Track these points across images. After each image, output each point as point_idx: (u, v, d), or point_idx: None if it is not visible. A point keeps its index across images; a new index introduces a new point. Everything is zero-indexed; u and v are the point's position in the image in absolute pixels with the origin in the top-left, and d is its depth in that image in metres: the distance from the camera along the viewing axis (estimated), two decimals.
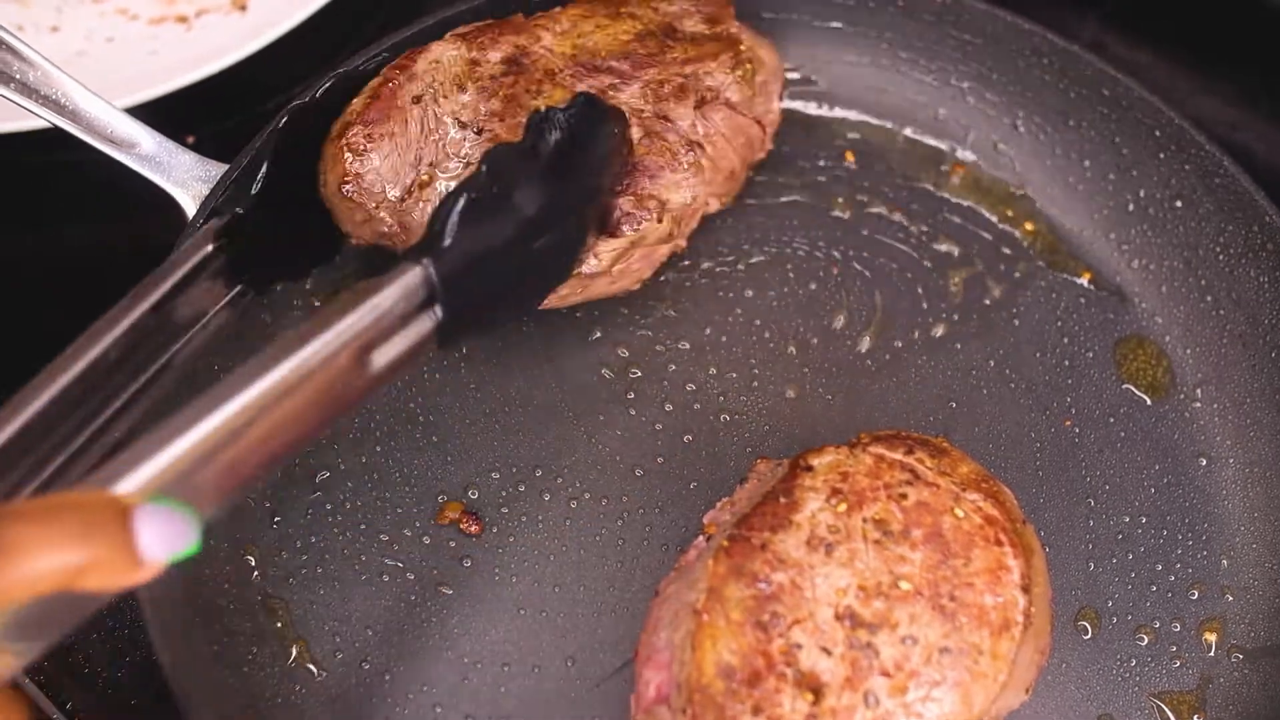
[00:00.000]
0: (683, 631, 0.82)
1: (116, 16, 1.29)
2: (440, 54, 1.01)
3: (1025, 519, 0.88)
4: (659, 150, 0.99)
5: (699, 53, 1.04)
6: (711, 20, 1.06)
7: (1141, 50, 1.38)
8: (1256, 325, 1.04)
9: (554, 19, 1.05)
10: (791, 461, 0.88)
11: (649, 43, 1.04)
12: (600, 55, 1.02)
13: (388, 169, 0.96)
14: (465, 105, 0.99)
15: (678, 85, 1.02)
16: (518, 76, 1.00)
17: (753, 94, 1.05)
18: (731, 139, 1.03)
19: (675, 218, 1.00)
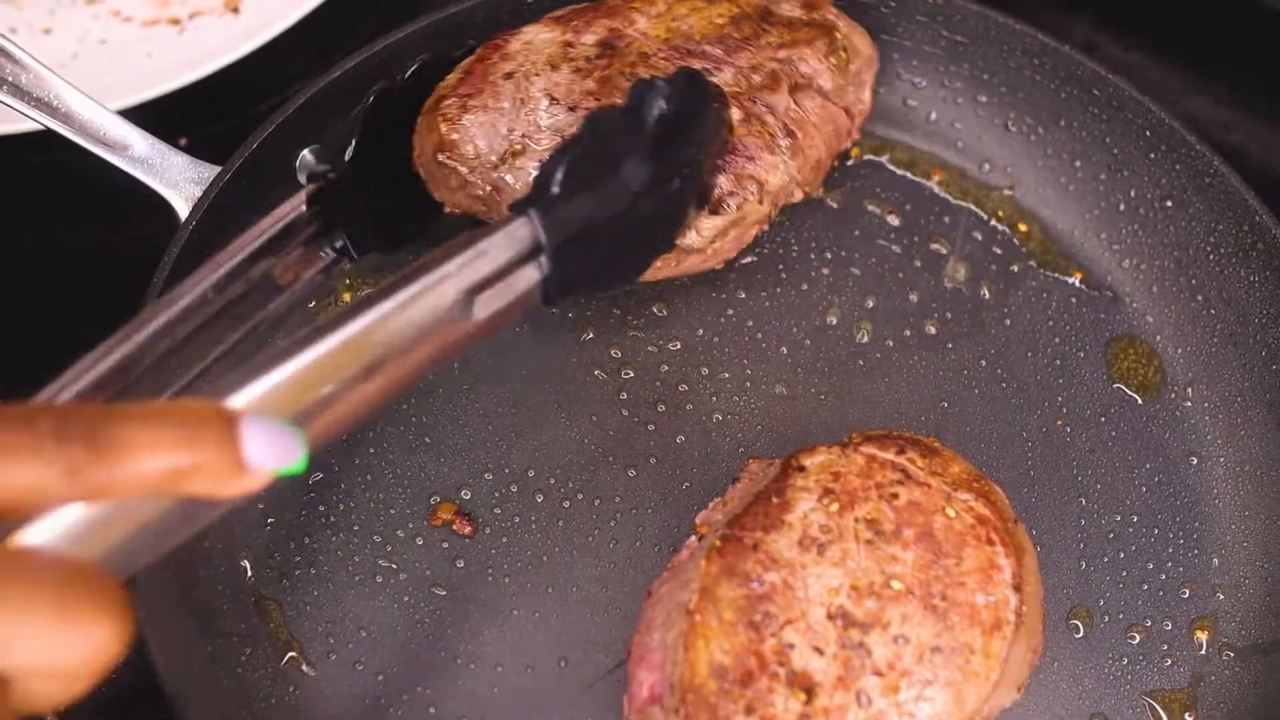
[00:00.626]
0: (675, 631, 0.83)
1: (110, 18, 1.29)
2: (533, 35, 1.02)
3: (1017, 518, 0.89)
4: (757, 132, 0.99)
5: (794, 38, 1.04)
6: (808, 5, 1.06)
7: (1134, 50, 1.38)
8: (1247, 324, 1.04)
9: (649, 1, 1.05)
10: (783, 461, 0.89)
11: (744, 26, 1.04)
12: (695, 39, 1.02)
13: (481, 136, 0.97)
14: (558, 83, 0.99)
15: (770, 72, 1.02)
16: (612, 58, 1.00)
17: (845, 82, 1.05)
18: (821, 127, 1.04)
19: (773, 199, 1.01)
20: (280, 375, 0.67)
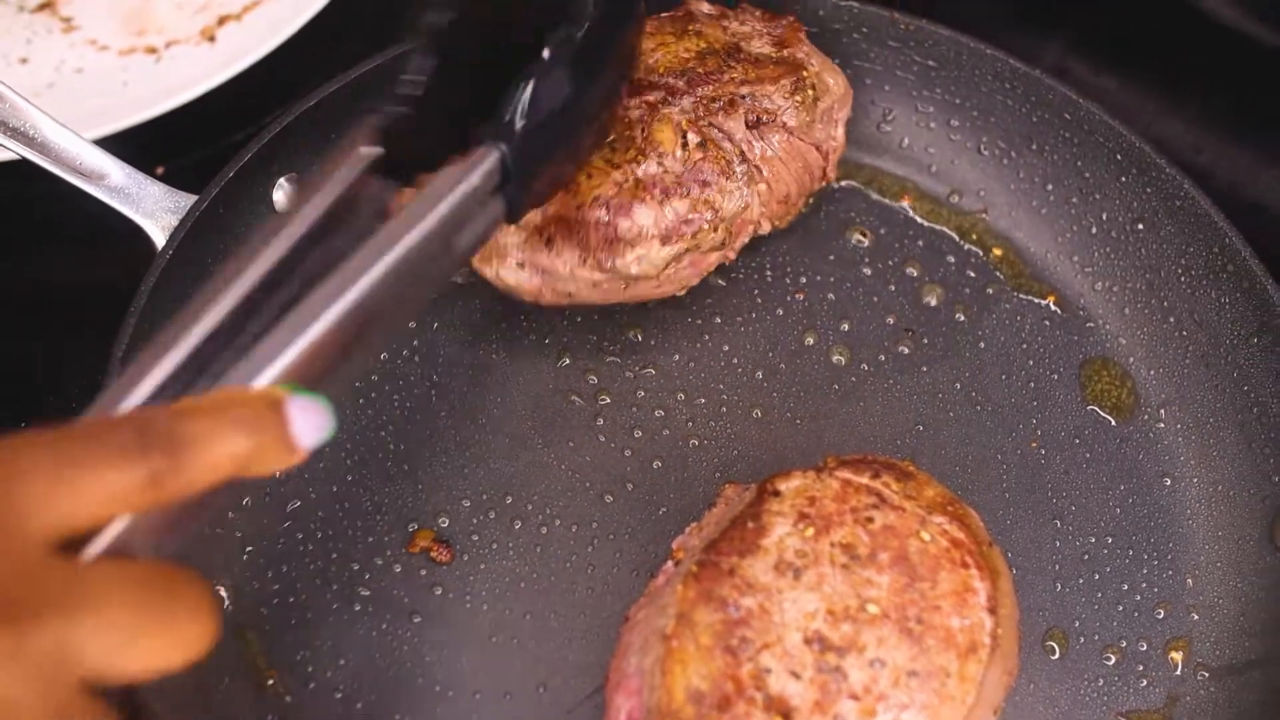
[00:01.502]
0: (652, 657, 0.83)
1: (86, 47, 1.29)
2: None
3: (992, 541, 0.89)
4: (713, 158, 1.00)
5: (758, 74, 1.04)
6: (780, 43, 1.07)
7: (1105, 74, 1.39)
8: (1218, 346, 1.05)
9: None
10: (759, 486, 0.89)
11: (709, 61, 1.04)
12: (657, 73, 1.03)
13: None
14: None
15: (728, 99, 1.02)
16: None
17: (812, 120, 1.05)
18: (788, 162, 1.04)
19: (728, 226, 1.01)
20: (303, 343, 0.70)
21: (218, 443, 0.63)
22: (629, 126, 1.00)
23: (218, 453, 0.63)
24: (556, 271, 1.00)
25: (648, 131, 1.00)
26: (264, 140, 1.04)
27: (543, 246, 0.99)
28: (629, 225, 0.98)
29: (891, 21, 1.13)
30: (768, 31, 1.08)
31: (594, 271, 1.00)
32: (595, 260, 0.99)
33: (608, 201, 0.98)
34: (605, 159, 0.99)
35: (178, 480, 0.61)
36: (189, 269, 0.99)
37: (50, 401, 1.10)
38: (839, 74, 1.08)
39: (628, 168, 0.99)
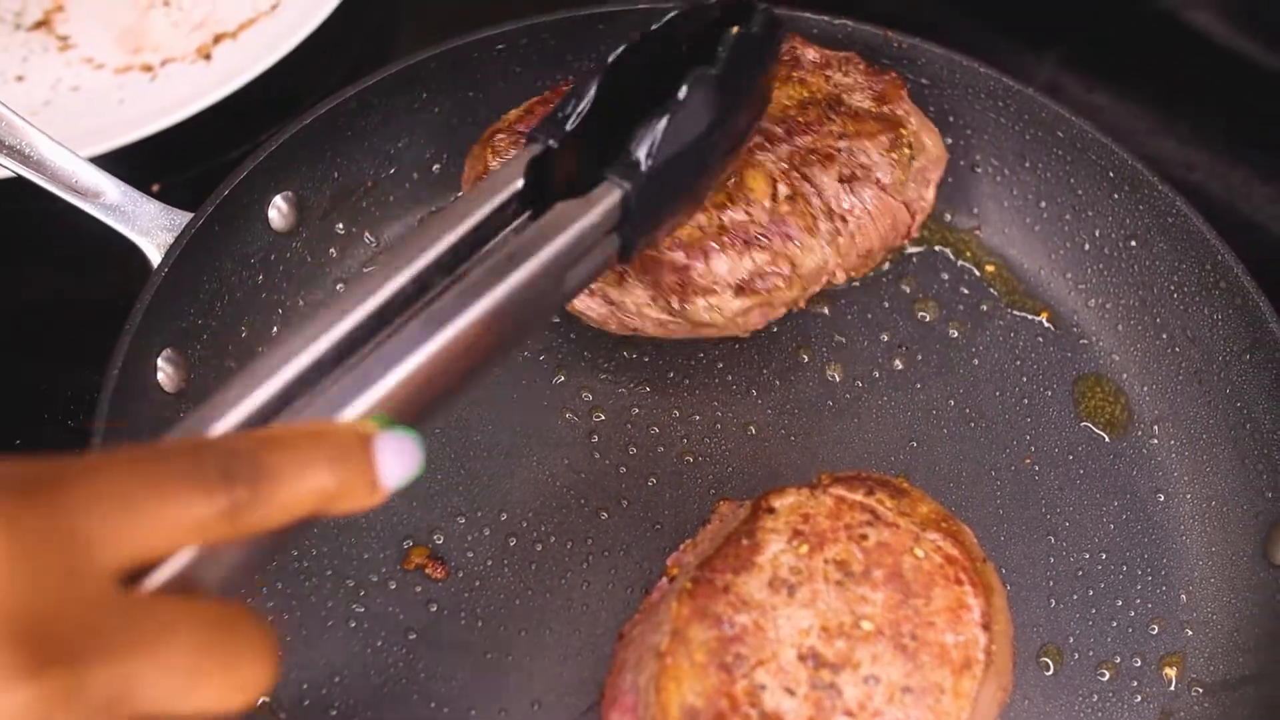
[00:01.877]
0: (647, 674, 0.83)
1: (82, 65, 1.30)
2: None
3: (986, 557, 0.89)
4: (801, 212, 1.00)
5: (858, 129, 1.04)
6: (880, 98, 1.06)
7: (1098, 92, 1.40)
8: (1211, 362, 1.06)
9: None
10: (753, 503, 0.89)
11: (810, 111, 1.04)
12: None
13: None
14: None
15: (825, 154, 1.02)
16: None
17: (906, 178, 1.04)
18: (877, 219, 1.04)
19: (804, 282, 1.01)
20: (395, 379, 0.68)
21: (302, 477, 0.60)
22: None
23: (301, 487, 0.60)
24: (625, 306, 1.00)
25: (739, 177, 1.00)
26: (260, 158, 1.04)
27: (615, 279, 0.99)
28: (704, 271, 0.98)
29: (885, 40, 1.13)
30: (869, 85, 1.07)
31: (663, 313, 1.00)
32: (665, 302, 0.99)
33: (687, 244, 0.97)
34: None
35: (256, 514, 0.58)
36: (184, 287, 1.00)
37: (45, 420, 1.11)
38: (936, 135, 1.08)
39: (714, 211, 0.98)
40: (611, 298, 1.00)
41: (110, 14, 1.34)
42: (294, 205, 1.07)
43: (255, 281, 1.06)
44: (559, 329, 1.08)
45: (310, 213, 1.09)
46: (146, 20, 1.33)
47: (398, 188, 1.14)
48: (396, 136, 1.13)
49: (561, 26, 1.14)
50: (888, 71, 1.09)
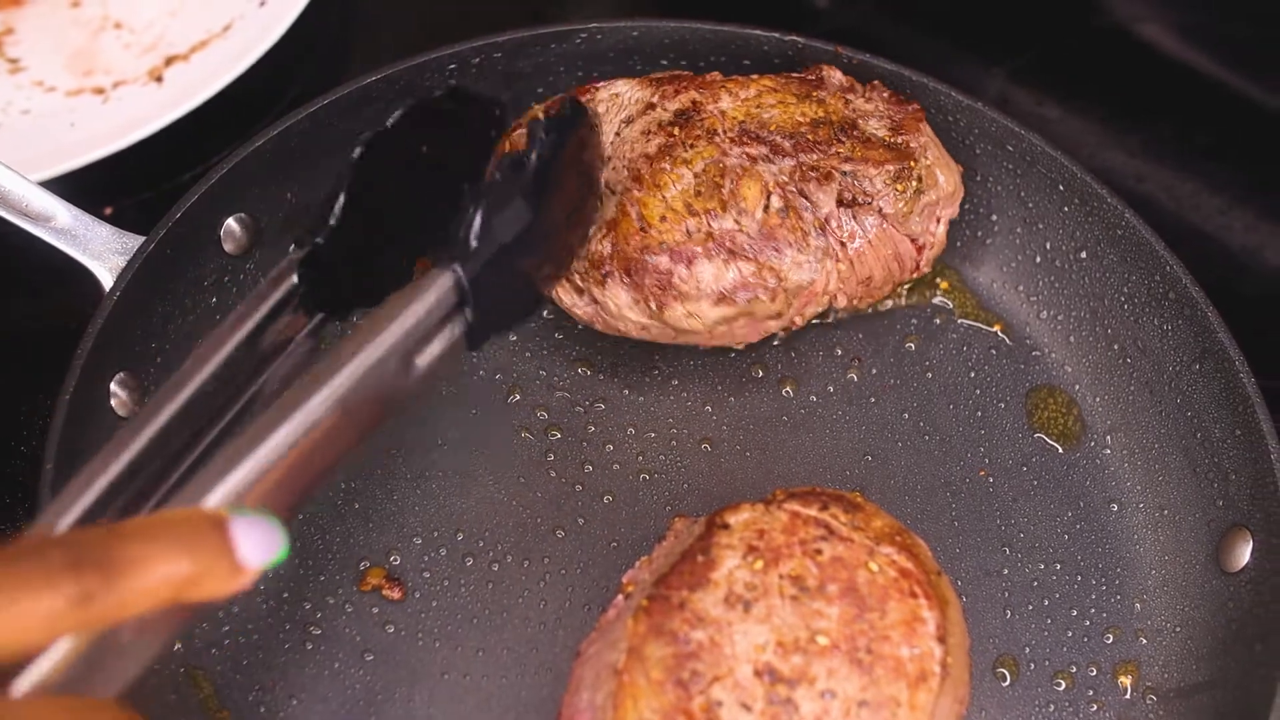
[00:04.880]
0: (604, 692, 0.83)
1: (33, 88, 1.29)
2: (623, 89, 1.06)
3: (940, 570, 0.90)
4: (791, 226, 1.00)
5: (865, 155, 1.04)
6: (897, 128, 1.06)
7: (1048, 104, 1.41)
8: (1162, 372, 1.07)
9: (743, 84, 1.06)
10: (708, 519, 0.89)
11: (820, 130, 1.04)
12: (768, 129, 1.03)
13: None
14: (624, 140, 1.03)
15: (825, 173, 1.02)
16: (681, 128, 1.03)
17: (910, 211, 1.04)
18: (877, 247, 1.04)
19: (789, 296, 1.01)
20: (252, 465, 0.70)
21: (155, 565, 0.61)
22: (722, 173, 1.00)
23: (155, 575, 0.61)
24: (607, 307, 1.01)
25: (736, 184, 1.00)
26: (212, 180, 1.03)
27: (599, 279, 1.00)
28: (687, 277, 0.98)
29: (835, 56, 1.14)
30: (889, 114, 1.07)
31: (643, 316, 1.01)
32: (646, 306, 1.00)
33: (673, 248, 0.98)
34: (686, 202, 0.99)
35: (112, 601, 0.60)
36: (137, 310, 0.99)
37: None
38: (953, 172, 1.08)
39: (705, 217, 0.99)
40: (595, 297, 1.01)
41: (61, 37, 1.33)
42: (247, 227, 1.07)
43: (209, 304, 1.06)
44: (512, 348, 1.08)
45: (264, 235, 1.08)
46: (97, 43, 1.32)
47: None
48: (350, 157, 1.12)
49: (513, 46, 1.15)
50: (911, 102, 1.09)
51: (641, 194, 1.00)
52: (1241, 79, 1.44)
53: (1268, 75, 1.43)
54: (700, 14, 1.17)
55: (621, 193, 1.01)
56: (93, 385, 0.95)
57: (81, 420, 0.93)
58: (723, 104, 1.04)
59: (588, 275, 1.01)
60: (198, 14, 1.33)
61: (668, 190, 1.00)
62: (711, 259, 0.99)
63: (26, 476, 1.07)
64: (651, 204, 1.00)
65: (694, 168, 1.01)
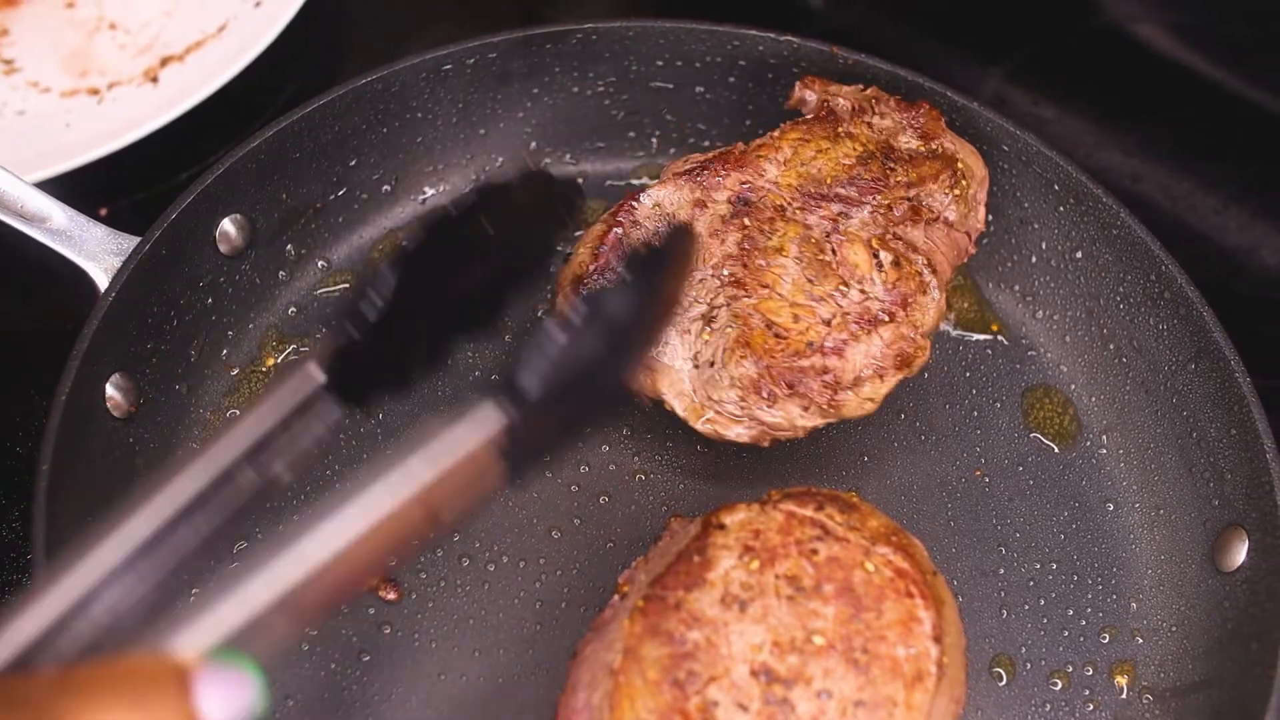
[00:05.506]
0: (600, 692, 0.83)
1: (28, 89, 1.29)
2: (662, 197, 1.02)
3: (936, 570, 0.90)
4: (908, 275, 0.99)
5: (920, 174, 1.04)
6: (925, 135, 1.06)
7: (1044, 104, 1.41)
8: (1157, 371, 1.07)
9: (774, 147, 1.04)
10: (704, 520, 0.89)
11: (872, 166, 1.04)
12: (825, 182, 1.02)
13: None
14: (700, 248, 1.00)
15: (909, 209, 1.02)
16: (748, 215, 1.00)
17: (967, 210, 1.05)
18: (946, 252, 1.04)
19: (928, 338, 1.00)
20: (240, 608, 0.62)
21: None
22: (818, 247, 0.99)
23: None
24: (779, 425, 0.97)
25: (839, 253, 0.99)
26: (207, 181, 1.04)
27: (762, 403, 0.95)
28: (846, 367, 0.96)
29: (831, 56, 1.14)
30: (910, 123, 1.07)
31: (817, 419, 0.97)
32: (819, 409, 0.96)
33: (820, 345, 0.96)
34: (807, 293, 0.97)
35: None
36: (133, 311, 0.99)
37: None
38: (977, 156, 1.08)
39: (832, 300, 0.97)
40: (763, 419, 0.96)
41: (56, 38, 1.33)
42: (242, 228, 1.07)
43: (204, 304, 1.06)
44: (508, 347, 1.08)
45: (259, 235, 1.08)
46: (93, 44, 1.32)
47: (347, 209, 1.14)
48: (345, 158, 1.13)
49: (508, 46, 1.15)
50: (919, 104, 1.09)
51: (755, 300, 0.97)
52: (1237, 79, 1.44)
53: (1263, 75, 1.44)
54: (696, 14, 1.17)
55: (728, 303, 0.97)
56: (88, 386, 0.95)
57: (77, 421, 0.93)
58: (769, 174, 1.03)
59: (745, 402, 0.96)
60: (193, 15, 1.33)
61: (780, 286, 0.97)
62: (858, 339, 0.97)
63: (22, 477, 1.07)
64: (774, 306, 0.97)
65: (789, 253, 0.99)
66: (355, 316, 0.77)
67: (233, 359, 1.07)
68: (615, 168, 1.21)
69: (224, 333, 1.07)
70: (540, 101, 1.19)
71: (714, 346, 0.96)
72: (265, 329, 1.09)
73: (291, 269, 1.11)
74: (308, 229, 1.12)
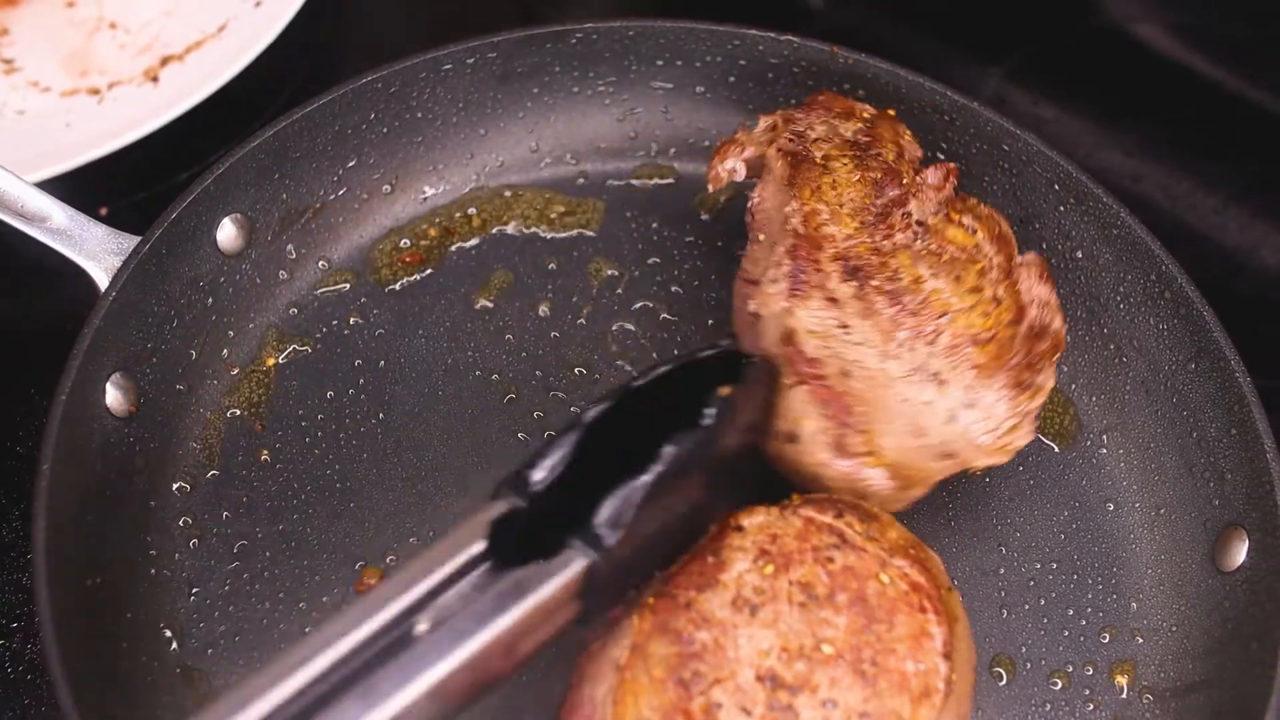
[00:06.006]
0: (605, 687, 0.83)
1: (28, 89, 1.29)
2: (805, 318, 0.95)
3: (952, 586, 0.89)
4: (988, 218, 1.01)
5: (885, 136, 1.04)
6: (846, 113, 1.06)
7: (1045, 104, 1.41)
8: (1157, 371, 1.07)
9: (815, 210, 1.00)
10: (722, 521, 0.89)
11: (870, 163, 1.02)
12: (869, 204, 1.00)
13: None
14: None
15: (926, 175, 1.03)
16: (867, 278, 0.96)
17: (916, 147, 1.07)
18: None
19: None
20: None
21: None
22: (929, 252, 0.98)
23: None
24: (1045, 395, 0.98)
25: (942, 243, 0.99)
26: (207, 180, 1.04)
27: (1025, 395, 0.96)
28: (1042, 311, 0.98)
29: (831, 56, 1.14)
30: (824, 117, 1.06)
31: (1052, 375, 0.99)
32: (1053, 351, 0.98)
33: (1015, 314, 0.97)
34: (967, 292, 0.96)
35: None
36: (133, 311, 0.99)
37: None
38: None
39: (981, 279, 0.97)
40: (1035, 406, 0.97)
41: (56, 37, 1.33)
42: (243, 227, 1.07)
43: (205, 304, 1.06)
44: (507, 348, 1.08)
45: (259, 234, 1.09)
46: (93, 43, 1.32)
47: (347, 209, 1.14)
48: (346, 157, 1.13)
49: (508, 46, 1.15)
50: (810, 100, 1.07)
51: (949, 333, 0.94)
52: (1237, 79, 1.44)
53: (1263, 75, 1.44)
54: (696, 14, 1.17)
55: (935, 352, 0.94)
56: (89, 386, 0.95)
57: (78, 420, 0.93)
58: (840, 235, 0.98)
59: (1016, 404, 0.96)
60: (193, 15, 1.33)
61: (951, 305, 0.95)
62: (1019, 282, 0.98)
63: (23, 477, 1.07)
64: (966, 323, 0.95)
65: (924, 277, 0.97)
66: (520, 485, 0.79)
67: (233, 358, 1.07)
68: (615, 167, 1.21)
69: (224, 332, 1.07)
70: (540, 101, 1.19)
71: (960, 390, 0.94)
72: (265, 328, 1.09)
73: (292, 268, 1.11)
74: (308, 228, 1.12)
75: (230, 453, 1.02)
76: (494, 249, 1.15)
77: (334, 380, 1.07)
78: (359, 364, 1.07)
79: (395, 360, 1.08)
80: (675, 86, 1.20)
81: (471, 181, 1.18)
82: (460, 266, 1.14)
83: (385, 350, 1.08)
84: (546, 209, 1.17)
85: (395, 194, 1.16)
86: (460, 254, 1.14)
